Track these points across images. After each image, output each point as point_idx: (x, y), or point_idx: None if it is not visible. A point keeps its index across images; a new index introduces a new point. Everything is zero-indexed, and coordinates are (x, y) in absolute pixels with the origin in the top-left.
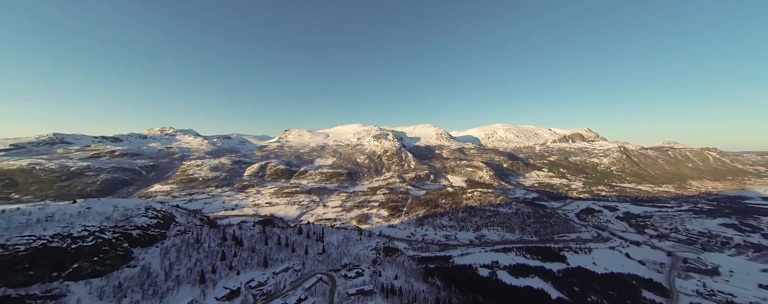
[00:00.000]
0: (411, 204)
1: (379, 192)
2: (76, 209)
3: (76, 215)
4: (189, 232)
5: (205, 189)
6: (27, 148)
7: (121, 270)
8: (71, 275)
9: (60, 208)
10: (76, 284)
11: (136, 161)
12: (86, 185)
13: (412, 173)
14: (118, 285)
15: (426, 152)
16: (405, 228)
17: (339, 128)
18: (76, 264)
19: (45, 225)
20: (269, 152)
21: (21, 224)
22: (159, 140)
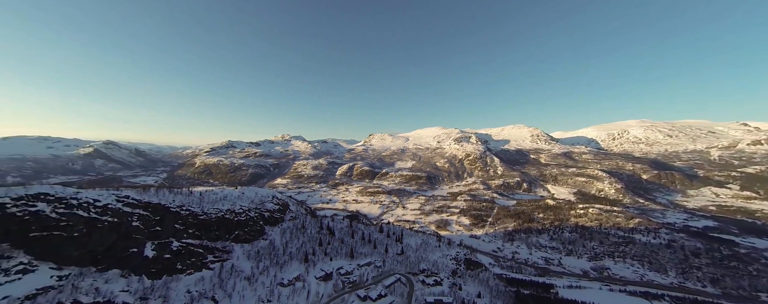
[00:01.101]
0: (498, 215)
1: (460, 198)
2: (237, 193)
3: (237, 197)
4: (298, 219)
5: (309, 184)
6: (216, 151)
7: (258, 241)
8: (234, 238)
9: (230, 192)
10: (237, 245)
11: (267, 160)
12: (242, 176)
13: (499, 180)
14: (257, 251)
15: (517, 156)
16: (490, 241)
17: (418, 132)
18: (237, 231)
19: (223, 202)
20: (356, 154)
21: (212, 200)
22: (280, 145)
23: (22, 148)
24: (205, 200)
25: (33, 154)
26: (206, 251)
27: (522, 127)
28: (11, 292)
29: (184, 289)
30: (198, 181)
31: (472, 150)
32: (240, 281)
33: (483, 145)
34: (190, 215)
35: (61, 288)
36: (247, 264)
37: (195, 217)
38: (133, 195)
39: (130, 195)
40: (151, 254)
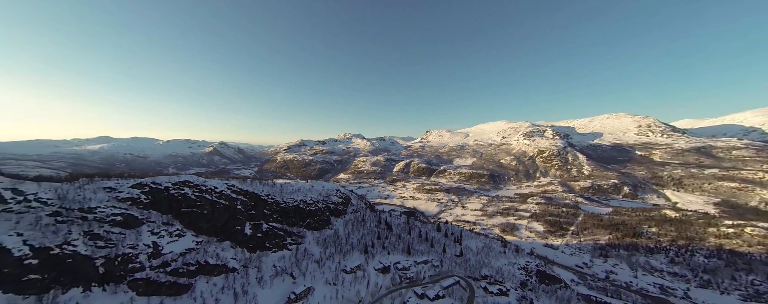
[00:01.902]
0: (584, 223)
1: (531, 201)
2: (308, 186)
3: (308, 190)
4: (358, 212)
5: (368, 180)
6: (291, 149)
7: (325, 230)
8: (306, 225)
9: (302, 184)
10: (308, 231)
11: (332, 157)
12: (311, 170)
13: (585, 182)
14: (324, 239)
15: (613, 152)
16: (572, 254)
17: (480, 127)
18: (308, 219)
19: (297, 194)
20: (413, 151)
21: (289, 191)
22: (343, 143)
23: (175, 148)
24: (284, 190)
25: (181, 152)
26: (286, 234)
27: (623, 116)
28: (174, 249)
29: (271, 263)
30: (279, 174)
31: (548, 145)
32: (311, 263)
33: (562, 140)
34: (274, 203)
35: (197, 250)
36: (317, 249)
37: (277, 205)
38: (237, 184)
39: (235, 185)
40: (249, 233)
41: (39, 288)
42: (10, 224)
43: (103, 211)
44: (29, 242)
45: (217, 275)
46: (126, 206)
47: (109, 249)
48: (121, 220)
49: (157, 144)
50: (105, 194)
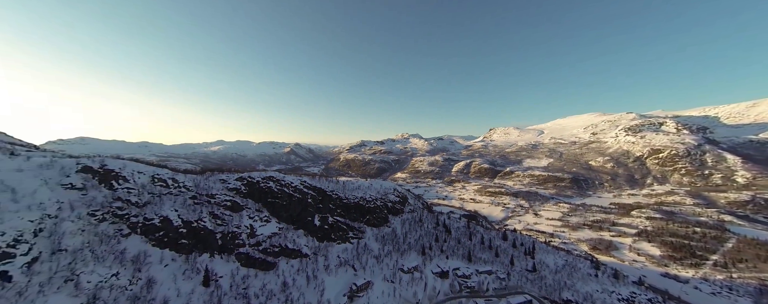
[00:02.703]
0: (737, 251)
1: (639, 213)
2: (367, 184)
3: (367, 187)
4: (416, 212)
5: (425, 180)
6: (353, 149)
7: (383, 227)
8: (366, 222)
9: (362, 183)
10: (368, 227)
11: (389, 156)
12: (370, 169)
13: (740, 193)
14: (382, 236)
15: None
16: (716, 293)
17: (559, 122)
18: (368, 216)
19: (358, 191)
20: (474, 151)
21: (350, 188)
22: (400, 142)
23: (264, 149)
24: (346, 188)
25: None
26: (348, 228)
27: None
28: (263, 231)
29: (336, 254)
30: (342, 172)
31: (667, 143)
32: (370, 259)
33: (695, 136)
34: (338, 198)
35: (280, 235)
36: (376, 245)
37: (341, 201)
38: (308, 181)
39: (306, 181)
40: (318, 224)
41: (187, 250)
42: (171, 203)
43: (219, 197)
44: (181, 216)
45: (294, 258)
46: (232, 195)
47: (224, 227)
48: (229, 204)
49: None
50: (220, 184)
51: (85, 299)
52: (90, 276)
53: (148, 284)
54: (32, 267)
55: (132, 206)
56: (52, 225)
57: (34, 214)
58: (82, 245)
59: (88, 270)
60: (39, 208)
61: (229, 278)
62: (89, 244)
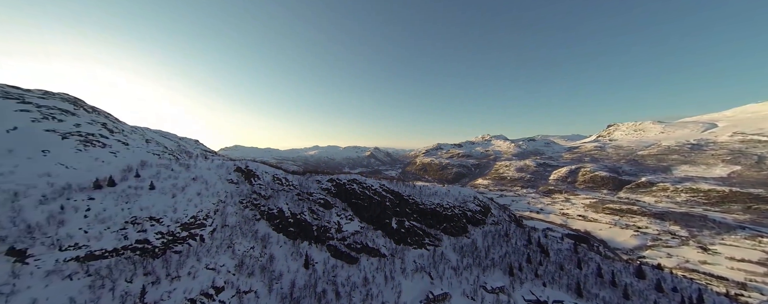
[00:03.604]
0: None
1: None
2: (444, 190)
3: (444, 194)
4: (501, 224)
5: (512, 188)
6: (429, 152)
7: (462, 237)
8: (443, 229)
9: (439, 188)
10: (445, 235)
11: (468, 160)
12: (447, 174)
13: None
14: (461, 247)
15: None
16: None
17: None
18: (445, 224)
19: (434, 197)
20: (582, 154)
21: (426, 193)
22: (481, 145)
23: (349, 153)
24: (422, 193)
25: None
26: (424, 234)
27: None
28: (348, 228)
29: (412, 258)
30: (418, 176)
31: None
32: (448, 269)
33: None
34: (414, 203)
35: (361, 233)
36: (454, 256)
37: (417, 205)
38: (386, 184)
39: (385, 184)
40: (395, 226)
41: (293, 236)
42: (284, 197)
43: (315, 195)
44: (290, 209)
45: (374, 256)
46: (324, 194)
47: (318, 221)
48: (323, 202)
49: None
50: (315, 184)
51: (238, 261)
52: (239, 246)
53: (270, 258)
54: (213, 234)
55: (262, 198)
56: (222, 207)
57: (214, 199)
58: (236, 224)
59: (238, 242)
60: (216, 195)
61: (322, 264)
62: (239, 223)
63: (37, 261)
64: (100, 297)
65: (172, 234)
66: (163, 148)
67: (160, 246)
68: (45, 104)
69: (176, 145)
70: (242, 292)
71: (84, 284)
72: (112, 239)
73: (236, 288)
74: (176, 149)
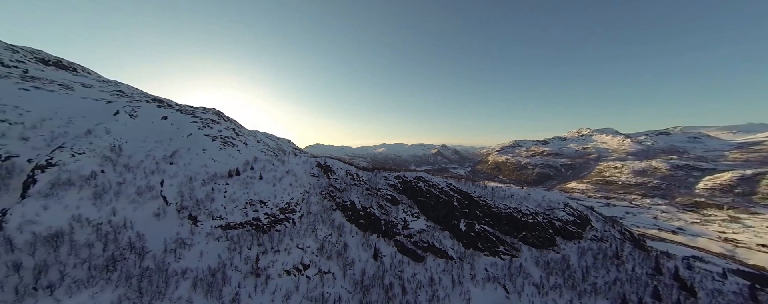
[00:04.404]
0: None
1: None
2: (523, 193)
3: (523, 198)
4: (607, 242)
5: (626, 196)
6: (504, 150)
7: (548, 251)
8: (522, 238)
9: (516, 191)
10: (524, 246)
11: (557, 159)
12: (527, 175)
13: None
14: (546, 262)
15: None
16: None
17: None
18: (524, 232)
19: (510, 200)
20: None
21: (501, 196)
22: (576, 141)
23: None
24: (495, 195)
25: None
26: (498, 240)
27: None
28: (414, 226)
29: (483, 266)
30: (490, 175)
31: None
32: (528, 285)
33: None
34: (485, 205)
35: (428, 232)
36: (536, 271)
37: (488, 208)
38: (454, 183)
39: (452, 183)
40: (464, 229)
41: (363, 228)
42: (355, 191)
43: (383, 191)
44: (361, 203)
45: (440, 257)
46: (391, 190)
47: (386, 216)
48: (390, 198)
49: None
50: (383, 180)
51: (319, 244)
52: (320, 232)
53: (344, 246)
54: (301, 219)
55: (337, 191)
56: (307, 197)
57: (301, 189)
58: (318, 212)
59: (320, 228)
60: (303, 186)
61: (389, 258)
62: (319, 212)
63: (202, 225)
64: (234, 257)
65: (274, 216)
66: (267, 147)
67: (267, 224)
68: (203, 116)
69: (275, 145)
70: (323, 272)
71: (225, 246)
72: (239, 214)
73: (318, 268)
74: (275, 148)
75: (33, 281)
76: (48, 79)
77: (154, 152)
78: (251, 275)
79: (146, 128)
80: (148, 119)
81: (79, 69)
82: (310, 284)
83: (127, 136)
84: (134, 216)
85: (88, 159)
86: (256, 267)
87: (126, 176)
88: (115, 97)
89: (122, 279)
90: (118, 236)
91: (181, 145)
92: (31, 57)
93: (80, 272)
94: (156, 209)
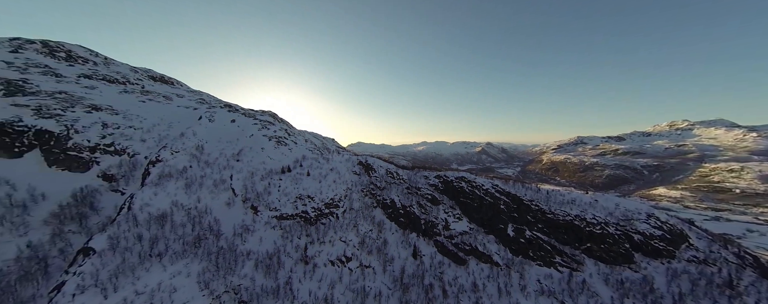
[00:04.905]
0: None
1: None
2: (588, 199)
3: (588, 204)
4: (713, 266)
5: (748, 209)
6: (563, 148)
7: (622, 268)
8: (585, 251)
9: (579, 196)
10: (588, 259)
11: (638, 159)
12: (594, 177)
13: None
14: (619, 281)
15: None
16: None
17: None
18: (589, 244)
19: (570, 206)
20: None
21: (558, 201)
22: (666, 137)
23: (457, 149)
24: (551, 199)
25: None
26: (554, 250)
27: None
28: (455, 227)
29: (535, 277)
30: (544, 177)
31: None
32: None
33: None
34: (538, 210)
35: (470, 235)
36: (606, 291)
37: (542, 213)
38: (500, 184)
39: (499, 185)
40: (512, 234)
41: (403, 226)
42: (395, 190)
43: (423, 190)
44: (401, 201)
45: (485, 262)
46: (432, 190)
47: (426, 215)
48: (430, 198)
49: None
50: (423, 179)
51: (360, 239)
52: (362, 227)
53: (384, 242)
54: (344, 214)
55: (377, 189)
56: (349, 193)
57: (344, 186)
58: (359, 208)
59: (361, 223)
60: (345, 183)
61: (428, 258)
62: (361, 208)
63: (261, 215)
64: (286, 244)
65: (319, 210)
66: (314, 145)
67: (313, 217)
68: (261, 119)
69: (321, 143)
70: (364, 266)
71: (279, 234)
72: (290, 207)
73: (360, 261)
74: (321, 146)
75: (149, 250)
76: (156, 93)
77: (225, 150)
78: (301, 262)
79: (220, 130)
80: (221, 122)
81: (175, 82)
82: (352, 276)
83: (207, 137)
84: (212, 204)
85: (182, 156)
86: (305, 255)
87: (206, 171)
88: (199, 105)
89: (204, 254)
90: (201, 220)
91: (245, 144)
92: (145, 75)
93: (177, 246)
94: (227, 199)
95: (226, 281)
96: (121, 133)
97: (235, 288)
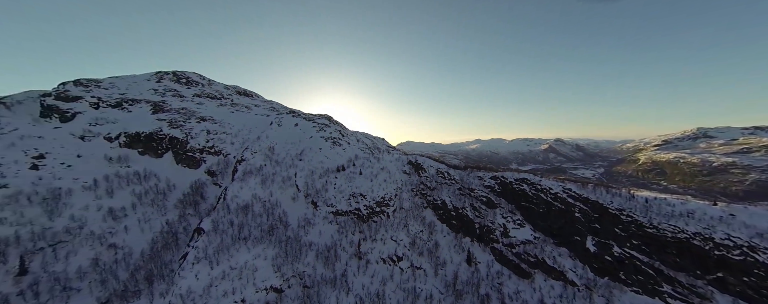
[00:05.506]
0: None
1: None
2: (718, 212)
3: (717, 220)
4: None
5: None
6: (674, 143)
7: None
8: (715, 281)
9: (700, 207)
10: (721, 294)
11: None
12: (729, 183)
13: None
14: None
15: None
16: None
17: None
18: (720, 273)
19: (686, 220)
20: None
21: (665, 213)
22: None
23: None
24: (653, 209)
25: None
26: (660, 275)
27: None
28: (516, 235)
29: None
30: (641, 181)
31: None
32: None
33: None
34: (632, 222)
35: (535, 245)
36: None
37: (639, 227)
38: (575, 189)
39: (572, 189)
40: (593, 249)
41: (455, 229)
42: (446, 190)
43: (477, 192)
44: (452, 203)
45: (555, 279)
46: (487, 192)
47: (481, 219)
48: (485, 200)
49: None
50: (477, 180)
51: (411, 239)
52: (411, 227)
53: (435, 244)
54: (394, 213)
55: (428, 189)
56: (399, 193)
57: (394, 185)
58: (409, 208)
59: (411, 224)
60: (395, 183)
61: (485, 266)
62: (411, 208)
63: (320, 210)
64: (342, 239)
65: (371, 208)
66: (365, 145)
67: (366, 215)
68: (319, 122)
69: (372, 143)
70: (415, 267)
71: (335, 229)
72: (345, 204)
73: (411, 262)
74: (371, 146)
75: (238, 233)
76: (241, 104)
77: (290, 151)
78: (355, 257)
79: (286, 133)
80: (287, 126)
81: (253, 94)
82: (403, 275)
83: (276, 139)
84: (281, 198)
85: (259, 156)
86: (358, 251)
87: (276, 169)
88: (270, 112)
89: (276, 242)
90: (273, 211)
91: (306, 145)
92: (233, 91)
93: (256, 232)
94: (292, 194)
95: (294, 267)
96: (219, 137)
97: (300, 274)
